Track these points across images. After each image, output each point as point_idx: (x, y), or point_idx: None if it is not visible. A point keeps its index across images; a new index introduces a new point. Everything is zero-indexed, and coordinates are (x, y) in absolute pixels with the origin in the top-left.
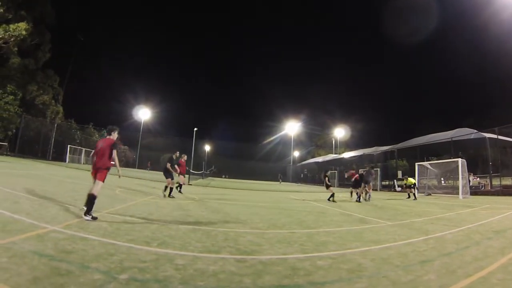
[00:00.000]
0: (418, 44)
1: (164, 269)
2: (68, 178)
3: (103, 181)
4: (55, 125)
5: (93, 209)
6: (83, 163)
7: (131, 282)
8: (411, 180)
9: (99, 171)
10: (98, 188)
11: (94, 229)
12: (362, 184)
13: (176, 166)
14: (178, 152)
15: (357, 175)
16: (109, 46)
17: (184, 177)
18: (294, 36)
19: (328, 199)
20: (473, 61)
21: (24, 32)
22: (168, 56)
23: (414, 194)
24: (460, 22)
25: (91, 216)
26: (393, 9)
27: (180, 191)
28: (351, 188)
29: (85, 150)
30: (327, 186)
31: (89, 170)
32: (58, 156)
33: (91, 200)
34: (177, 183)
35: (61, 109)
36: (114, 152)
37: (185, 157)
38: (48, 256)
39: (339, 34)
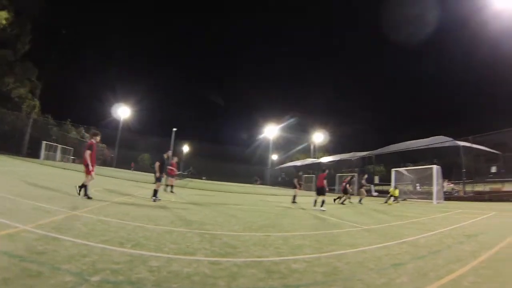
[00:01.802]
0: (399, 54)
1: (137, 271)
2: (42, 175)
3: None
4: (31, 120)
5: (68, 210)
6: (59, 161)
7: (103, 284)
8: (396, 192)
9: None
10: (84, 179)
11: (67, 229)
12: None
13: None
14: (170, 152)
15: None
16: (91, 42)
17: (175, 179)
18: (275, 39)
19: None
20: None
21: (4, 22)
22: (150, 56)
23: (392, 200)
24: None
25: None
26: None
27: (172, 191)
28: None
29: (61, 147)
30: (296, 187)
31: (64, 168)
32: (33, 152)
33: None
34: (168, 185)
35: (38, 103)
36: (86, 153)
37: (176, 159)
38: (18, 256)
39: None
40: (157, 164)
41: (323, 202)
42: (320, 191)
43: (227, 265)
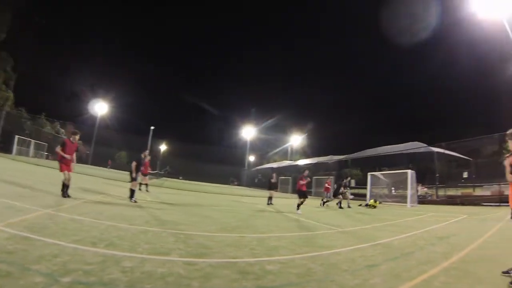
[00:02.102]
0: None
1: (110, 271)
2: (14, 171)
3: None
4: (4, 113)
5: (40, 208)
6: (32, 156)
7: (74, 285)
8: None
9: None
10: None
11: (39, 229)
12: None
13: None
14: (147, 151)
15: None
16: (70, 36)
17: (146, 176)
18: (255, 40)
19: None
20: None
21: None
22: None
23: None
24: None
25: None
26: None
27: (147, 190)
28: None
29: (35, 142)
30: (270, 188)
31: (37, 164)
32: (5, 147)
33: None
34: (143, 184)
35: (11, 95)
36: (57, 148)
37: (149, 157)
38: None
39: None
40: (134, 163)
41: (301, 203)
42: (301, 193)
43: (202, 265)
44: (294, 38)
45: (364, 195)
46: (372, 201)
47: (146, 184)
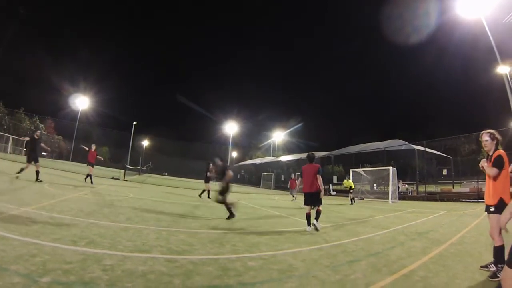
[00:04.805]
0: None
1: (91, 270)
2: None
3: None
4: None
5: (18, 206)
6: (10, 153)
7: (53, 285)
8: (348, 182)
9: None
10: None
11: (16, 228)
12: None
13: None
14: (39, 132)
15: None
16: (51, 28)
17: (92, 167)
18: (240, 38)
19: (199, 195)
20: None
21: None
22: (112, 47)
23: (351, 199)
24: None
25: None
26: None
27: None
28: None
29: (13, 138)
30: (207, 180)
31: (15, 161)
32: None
33: None
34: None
35: None
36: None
37: (94, 146)
38: None
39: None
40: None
41: (318, 214)
42: (313, 198)
43: (183, 262)
44: (279, 37)
45: (347, 191)
46: (345, 181)
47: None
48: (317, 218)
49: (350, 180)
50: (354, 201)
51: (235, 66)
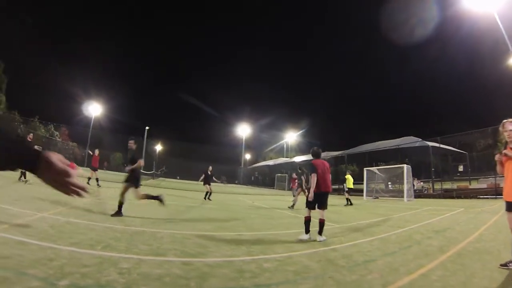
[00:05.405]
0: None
1: (107, 273)
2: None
3: None
4: None
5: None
6: None
7: None
8: (348, 179)
9: None
10: None
11: (34, 233)
12: None
13: None
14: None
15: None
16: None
17: (96, 171)
18: (248, 38)
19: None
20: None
21: None
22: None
23: (348, 199)
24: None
25: None
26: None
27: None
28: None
29: None
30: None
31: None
32: None
33: None
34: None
35: (3, 98)
36: None
37: (97, 151)
38: None
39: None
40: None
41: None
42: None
43: (199, 265)
44: (289, 38)
45: (361, 191)
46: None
47: (92, 178)
48: (321, 232)
49: (350, 176)
50: (350, 203)
51: (247, 69)
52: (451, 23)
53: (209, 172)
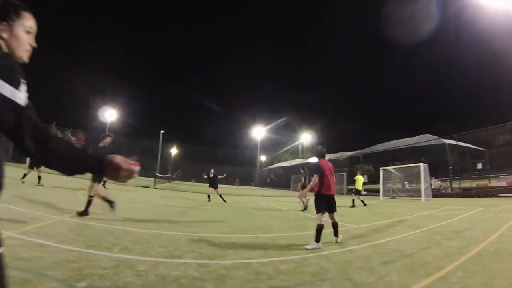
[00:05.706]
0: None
1: (124, 275)
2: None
3: None
4: None
5: (53, 215)
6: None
7: None
8: (358, 179)
9: None
10: None
11: (53, 235)
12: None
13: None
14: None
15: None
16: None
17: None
18: (264, 40)
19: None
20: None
21: None
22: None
23: (353, 200)
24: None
25: None
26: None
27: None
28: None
29: None
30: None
31: (50, 173)
32: (18, 157)
33: None
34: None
35: None
36: None
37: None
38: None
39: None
40: None
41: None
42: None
43: (215, 267)
44: (302, 38)
45: (377, 191)
46: (357, 176)
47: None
48: (337, 233)
49: (361, 177)
50: (354, 204)
51: (261, 70)
52: (468, 18)
53: (211, 175)
